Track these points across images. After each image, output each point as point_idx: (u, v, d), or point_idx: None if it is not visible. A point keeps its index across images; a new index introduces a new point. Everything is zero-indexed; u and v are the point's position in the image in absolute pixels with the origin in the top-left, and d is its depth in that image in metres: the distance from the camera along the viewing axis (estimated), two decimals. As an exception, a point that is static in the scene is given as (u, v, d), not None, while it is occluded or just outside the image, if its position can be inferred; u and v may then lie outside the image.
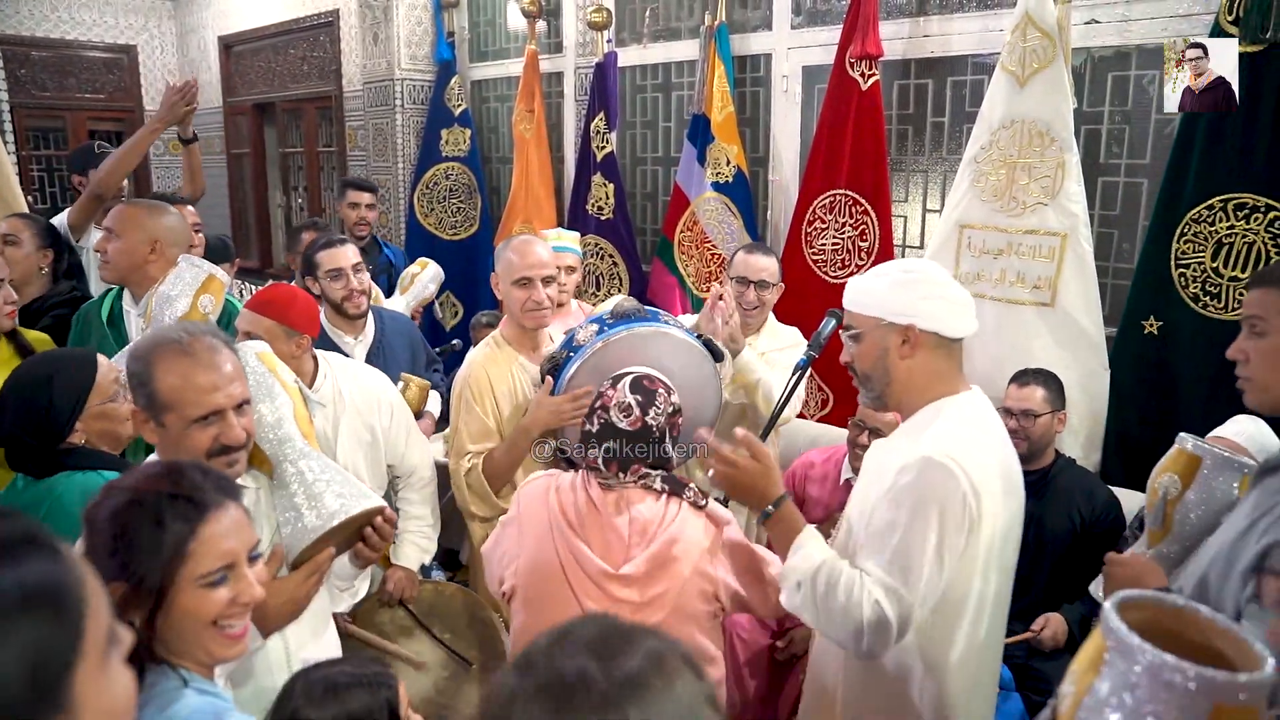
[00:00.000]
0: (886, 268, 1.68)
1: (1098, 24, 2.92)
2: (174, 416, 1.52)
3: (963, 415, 1.59)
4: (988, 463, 1.54)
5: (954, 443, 1.52)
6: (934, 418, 1.59)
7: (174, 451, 1.56)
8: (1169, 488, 1.69)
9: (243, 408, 1.58)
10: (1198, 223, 2.61)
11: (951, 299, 1.62)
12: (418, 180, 5.04)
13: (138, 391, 1.54)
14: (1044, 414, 2.65)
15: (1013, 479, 1.61)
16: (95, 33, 7.41)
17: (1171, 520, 1.69)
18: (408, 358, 2.90)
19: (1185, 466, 1.68)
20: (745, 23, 3.89)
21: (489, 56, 5.19)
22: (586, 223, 4.33)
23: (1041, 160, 2.83)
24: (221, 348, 1.58)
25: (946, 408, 1.60)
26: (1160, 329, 2.71)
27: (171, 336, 1.56)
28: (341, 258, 2.82)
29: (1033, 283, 2.90)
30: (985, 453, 1.55)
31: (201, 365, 1.52)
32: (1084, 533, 2.65)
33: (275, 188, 7.11)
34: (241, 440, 1.56)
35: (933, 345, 1.61)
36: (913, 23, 3.37)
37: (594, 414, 1.85)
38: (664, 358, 2.21)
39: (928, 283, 1.62)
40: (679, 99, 4.23)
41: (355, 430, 2.36)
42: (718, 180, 3.80)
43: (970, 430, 1.57)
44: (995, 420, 1.66)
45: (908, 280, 1.62)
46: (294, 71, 6.41)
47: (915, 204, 3.53)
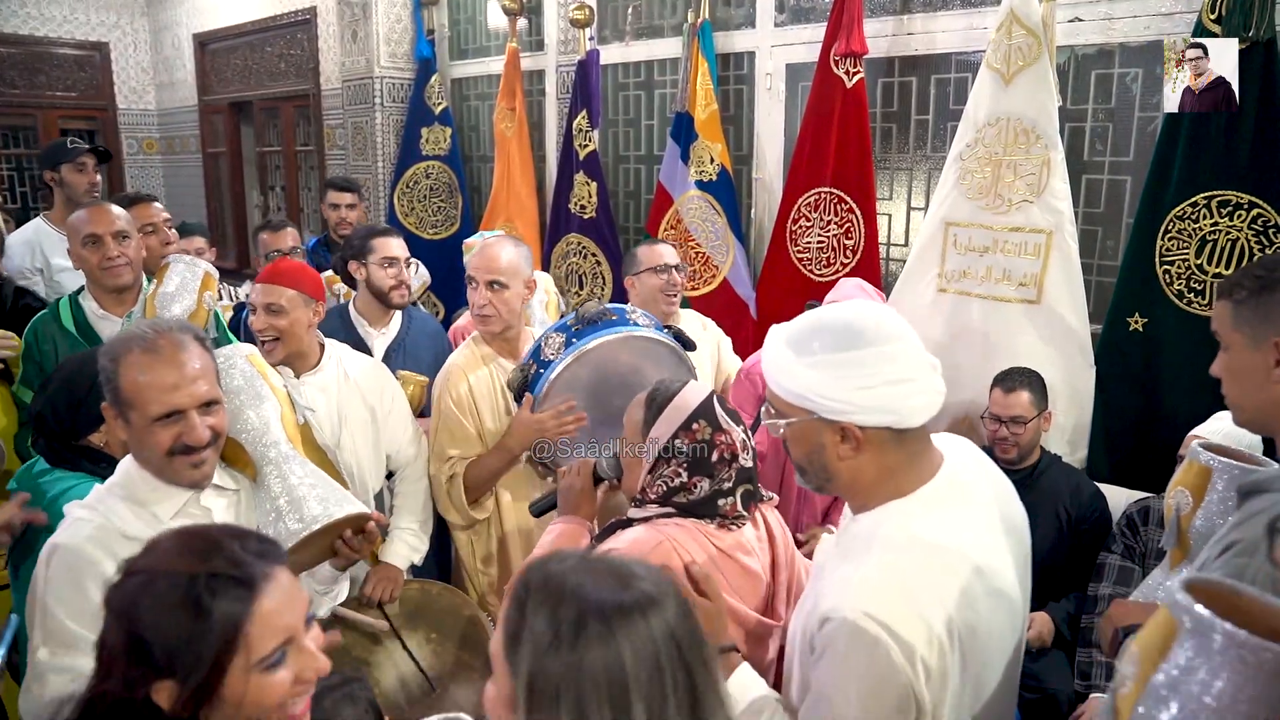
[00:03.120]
0: (814, 328, 1.29)
1: (1081, 22, 2.92)
2: (136, 414, 1.51)
3: (903, 537, 1.24)
4: (934, 599, 1.19)
5: (877, 591, 1.18)
6: (869, 541, 1.25)
7: (139, 449, 1.55)
8: (1181, 503, 1.59)
9: (210, 407, 1.55)
10: (1182, 220, 2.62)
11: (903, 376, 1.23)
12: (398, 179, 4.99)
13: (106, 388, 1.53)
14: (1031, 418, 2.65)
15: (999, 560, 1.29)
16: (66, 29, 7.28)
17: (1188, 538, 1.58)
18: (431, 360, 2.87)
19: (1196, 480, 1.57)
20: (728, 20, 3.88)
21: (469, 54, 5.14)
22: (569, 222, 4.30)
23: (1026, 158, 2.83)
24: (190, 345, 1.55)
25: (885, 524, 1.26)
26: (1145, 326, 2.72)
27: (139, 333, 1.54)
28: (397, 247, 2.88)
29: (1018, 280, 2.90)
30: (937, 580, 1.21)
31: (164, 362, 1.51)
32: (1070, 530, 2.66)
33: (252, 187, 7.02)
34: (204, 440, 1.53)
35: (882, 440, 1.25)
36: (897, 20, 3.37)
37: (723, 466, 1.57)
38: (639, 360, 2.19)
39: (865, 365, 1.22)
40: (662, 97, 4.21)
41: (357, 411, 2.36)
42: (701, 179, 3.78)
43: (911, 558, 1.22)
44: (969, 496, 1.32)
45: (838, 363, 1.23)
46: (271, 69, 6.33)
47: (900, 202, 3.52)
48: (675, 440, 1.57)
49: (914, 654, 1.16)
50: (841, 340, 1.24)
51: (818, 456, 1.29)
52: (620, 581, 0.92)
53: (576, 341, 2.16)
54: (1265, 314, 1.29)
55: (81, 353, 2.07)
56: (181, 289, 2.44)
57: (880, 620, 1.15)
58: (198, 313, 2.44)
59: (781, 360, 1.28)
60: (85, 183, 3.56)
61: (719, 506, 1.58)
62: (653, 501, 1.59)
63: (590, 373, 2.18)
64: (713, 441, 1.57)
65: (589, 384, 2.20)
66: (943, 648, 1.18)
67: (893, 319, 1.28)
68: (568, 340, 2.18)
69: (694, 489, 1.57)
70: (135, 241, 2.65)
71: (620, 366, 2.18)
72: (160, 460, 1.54)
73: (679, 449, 1.57)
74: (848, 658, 1.17)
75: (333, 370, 2.37)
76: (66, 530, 1.50)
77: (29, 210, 7.37)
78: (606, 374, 2.20)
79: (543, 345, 2.23)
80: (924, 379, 1.26)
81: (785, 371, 1.27)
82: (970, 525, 1.29)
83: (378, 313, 2.92)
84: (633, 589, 0.91)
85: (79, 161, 3.53)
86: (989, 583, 1.25)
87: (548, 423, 2.18)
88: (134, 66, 7.66)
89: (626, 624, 0.88)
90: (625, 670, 0.87)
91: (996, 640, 1.28)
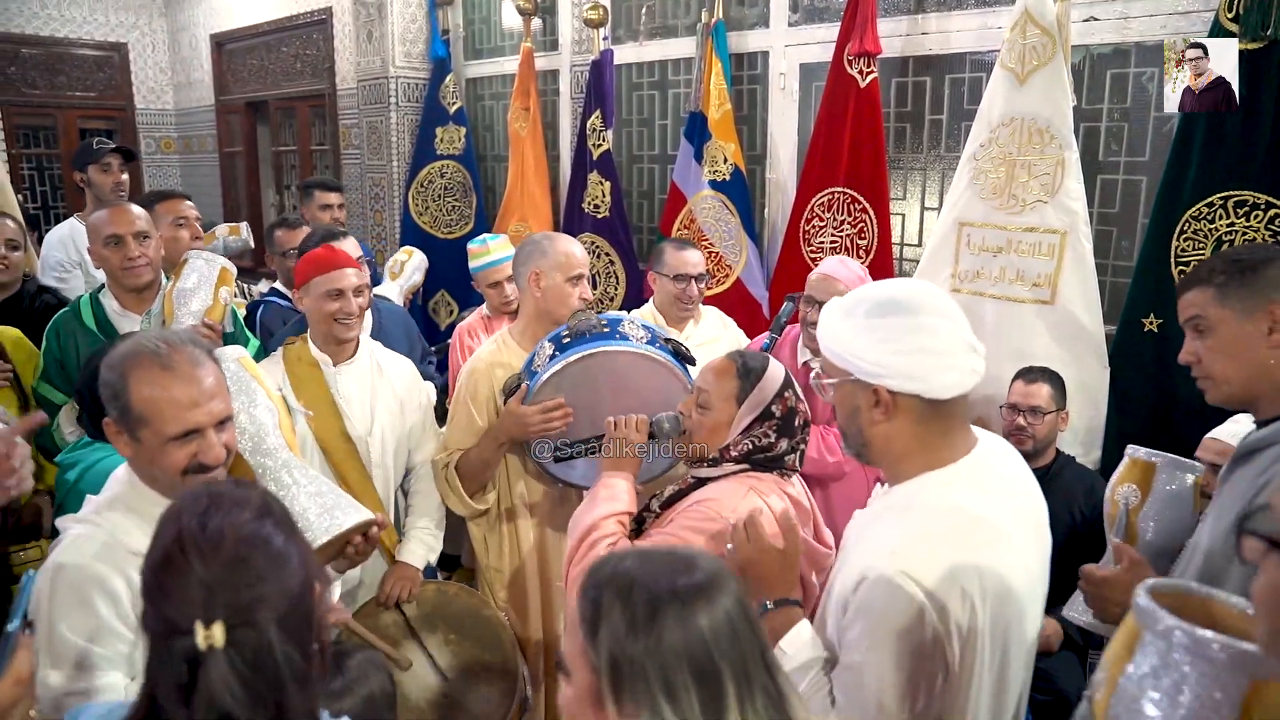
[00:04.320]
0: (861, 296, 1.37)
1: (1096, 21, 2.91)
2: (149, 432, 1.43)
3: (945, 504, 1.28)
4: (969, 561, 1.23)
5: (916, 551, 1.23)
6: (906, 507, 1.30)
7: (147, 467, 1.47)
8: (1129, 498, 1.72)
9: (224, 424, 1.49)
10: (1198, 220, 2.60)
11: (938, 349, 1.27)
12: (412, 179, 5.01)
13: (111, 403, 1.44)
14: (1050, 411, 2.65)
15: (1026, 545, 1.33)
16: (86, 30, 7.35)
17: (1136, 530, 1.71)
18: (405, 348, 2.90)
19: (1141, 475, 1.72)
20: (742, 20, 3.88)
21: (484, 54, 5.16)
22: (583, 221, 4.31)
23: (1041, 158, 2.82)
24: (203, 360, 1.48)
25: (924, 494, 1.30)
26: (1160, 327, 2.71)
27: (149, 346, 1.45)
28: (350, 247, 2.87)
29: (1032, 280, 2.89)
30: (973, 546, 1.25)
31: (180, 379, 1.43)
32: (1084, 530, 2.65)
33: (268, 186, 7.07)
34: (221, 459, 1.48)
35: (914, 409, 1.30)
36: (911, 20, 3.36)
37: (802, 431, 1.82)
38: (627, 373, 2.19)
39: (903, 331, 1.28)
40: (676, 97, 4.22)
41: (388, 403, 2.40)
42: (715, 178, 3.79)
43: (949, 522, 1.27)
44: (1000, 481, 1.36)
45: (875, 326, 1.29)
46: (287, 69, 6.37)
47: (914, 202, 3.52)
48: (771, 406, 1.77)
49: (948, 615, 1.20)
50: (884, 307, 1.31)
51: (854, 420, 1.36)
52: (683, 567, 0.98)
53: (560, 355, 2.18)
54: (1253, 289, 1.40)
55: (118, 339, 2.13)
56: (199, 284, 2.47)
57: (916, 579, 1.20)
58: (214, 308, 2.46)
59: (831, 323, 1.36)
60: (110, 182, 3.67)
61: (784, 461, 1.80)
62: (730, 459, 1.78)
63: (574, 386, 2.19)
64: (797, 409, 1.80)
65: (573, 396, 2.20)
66: (975, 611, 1.21)
67: (939, 298, 1.33)
68: (554, 353, 2.20)
69: (776, 447, 1.78)
70: (155, 241, 2.68)
71: (605, 379, 2.19)
72: (172, 480, 1.46)
73: (773, 413, 1.77)
74: (885, 616, 1.21)
75: (366, 361, 2.42)
76: (69, 549, 1.42)
77: (49, 210, 7.45)
78: (592, 387, 2.21)
79: (535, 355, 2.27)
80: (959, 357, 1.29)
81: (832, 333, 1.36)
82: (1004, 505, 1.33)
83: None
84: (696, 571, 0.98)
85: (104, 162, 3.67)
86: (1020, 559, 1.29)
87: (532, 417, 2.18)
88: (152, 67, 7.72)
89: (699, 600, 0.95)
90: (706, 640, 0.93)
91: (1023, 620, 1.31)
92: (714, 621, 0.94)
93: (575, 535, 1.77)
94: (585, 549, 1.72)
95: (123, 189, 3.70)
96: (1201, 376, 1.51)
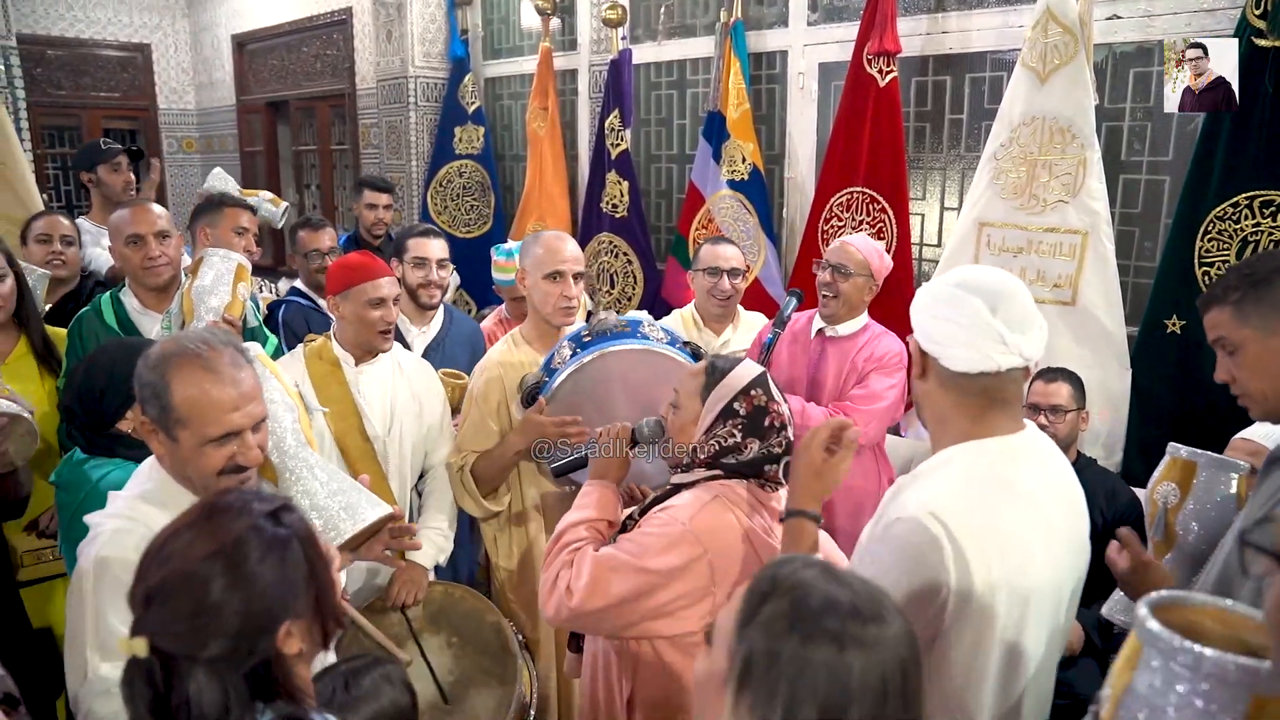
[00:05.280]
0: (955, 271, 1.46)
1: (1119, 19, 2.89)
2: (188, 433, 1.44)
3: (981, 466, 1.33)
4: (1003, 524, 1.28)
5: (948, 499, 1.28)
6: (940, 467, 1.36)
7: (182, 467, 1.49)
8: (1168, 497, 1.68)
9: (259, 425, 1.51)
10: (1222, 220, 2.58)
11: (963, 325, 1.34)
12: (431, 178, 5.04)
13: (150, 402, 1.45)
14: (1070, 410, 2.63)
15: (1058, 536, 1.36)
16: (110, 31, 7.44)
17: (1174, 530, 1.68)
18: (466, 361, 2.92)
19: (1182, 474, 1.68)
20: (761, 19, 3.87)
21: (503, 54, 5.18)
22: (601, 221, 4.32)
23: (1062, 157, 2.80)
24: (240, 360, 1.50)
25: (963, 455, 1.36)
26: (1183, 328, 2.68)
27: (190, 347, 1.46)
28: (430, 248, 2.94)
29: (1053, 281, 2.87)
30: (1002, 511, 1.30)
31: (222, 381, 1.44)
32: (1106, 534, 2.61)
33: (289, 186, 7.12)
34: (258, 461, 1.50)
35: (941, 375, 1.38)
36: (931, 19, 3.34)
37: (773, 432, 1.68)
38: (643, 373, 2.19)
39: (946, 302, 1.37)
40: (694, 96, 4.21)
41: (407, 403, 2.42)
42: (733, 178, 3.78)
43: (982, 483, 1.32)
44: (1039, 467, 1.39)
45: (937, 295, 1.40)
46: (307, 69, 6.42)
47: (933, 202, 3.50)
48: (734, 403, 1.66)
49: (966, 564, 1.23)
50: (963, 278, 1.40)
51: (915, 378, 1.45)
52: (867, 604, 0.91)
53: (581, 352, 2.19)
54: (1271, 303, 1.38)
55: (99, 346, 2.11)
56: (216, 282, 2.48)
57: (942, 521, 1.25)
58: (233, 304, 2.47)
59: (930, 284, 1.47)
60: (121, 182, 3.69)
61: (764, 470, 1.68)
62: (701, 464, 1.69)
63: (593, 384, 2.19)
64: (767, 408, 1.67)
65: (591, 394, 2.21)
66: (990, 570, 1.25)
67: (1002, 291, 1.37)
68: (574, 351, 2.21)
69: (745, 449, 1.66)
70: (175, 240, 2.71)
71: (623, 378, 2.19)
72: (206, 479, 1.47)
73: (736, 411, 1.66)
74: (903, 546, 1.27)
75: (388, 361, 2.44)
76: (111, 543, 1.43)
77: (73, 209, 7.54)
78: (609, 385, 2.22)
79: (554, 354, 2.26)
80: (982, 341, 1.34)
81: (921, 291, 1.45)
82: (1039, 486, 1.36)
83: (417, 311, 2.99)
84: (878, 617, 0.90)
85: (114, 162, 3.67)
86: (1049, 541, 1.33)
87: (548, 428, 2.20)
88: (174, 67, 7.80)
89: (861, 643, 0.87)
90: (849, 686, 0.86)
91: (1043, 604, 1.33)
92: (866, 672, 0.86)
93: (550, 539, 1.77)
94: (553, 555, 1.70)
95: (132, 188, 3.71)
96: (1240, 394, 1.48)
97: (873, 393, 2.59)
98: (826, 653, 0.86)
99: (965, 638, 1.27)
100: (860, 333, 2.69)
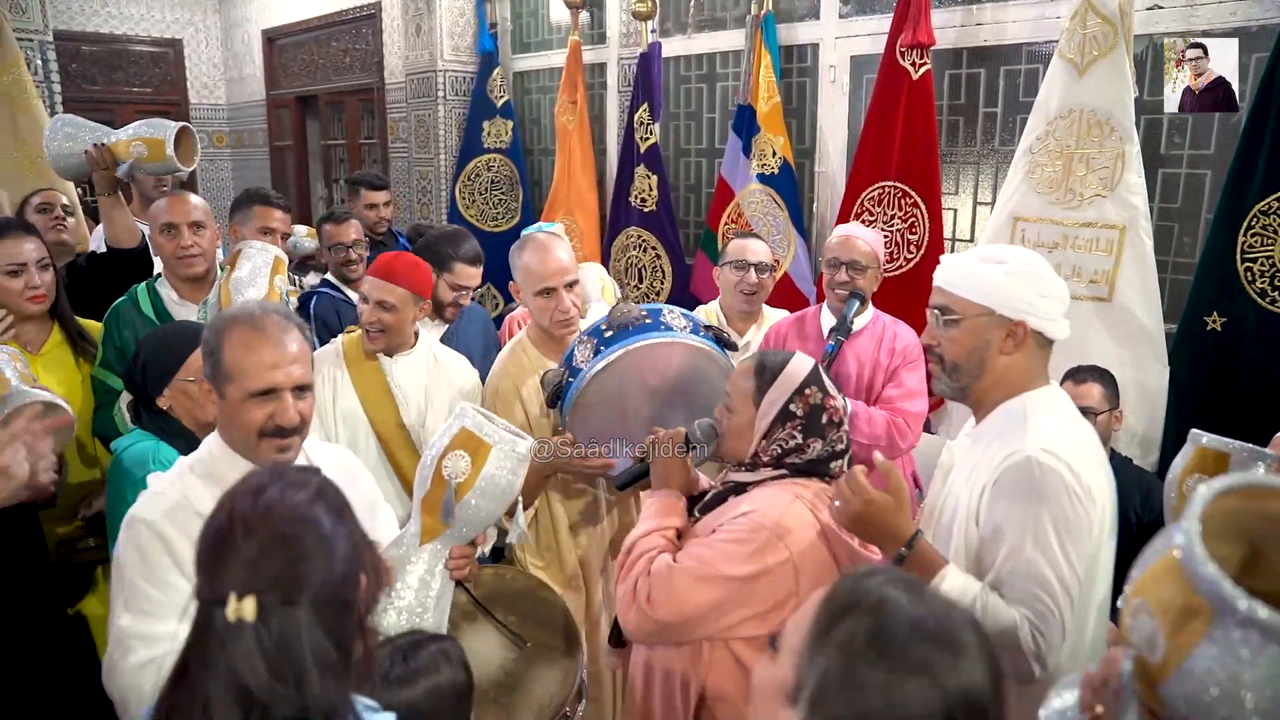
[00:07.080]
0: (995, 252, 1.61)
1: (1161, 9, 2.83)
2: (234, 388, 1.54)
3: (1055, 409, 1.53)
4: (1089, 457, 1.48)
5: (1055, 439, 1.45)
6: (1024, 414, 1.52)
7: (230, 425, 1.58)
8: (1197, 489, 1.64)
9: (303, 391, 1.58)
10: (1266, 215, 2.52)
11: (1060, 298, 1.55)
12: (459, 172, 5.05)
13: (207, 360, 1.57)
14: (1103, 411, 2.58)
15: (1109, 471, 1.56)
16: (143, 27, 7.52)
17: None
18: (480, 348, 2.92)
19: (1213, 465, 1.62)
20: (792, 12, 3.84)
21: (531, 48, 5.18)
22: (629, 215, 4.31)
23: (1100, 151, 2.75)
24: (293, 329, 1.59)
25: (1035, 403, 1.54)
26: (1224, 325, 2.63)
27: (247, 310, 1.58)
28: (473, 278, 2.99)
29: (1089, 277, 2.82)
30: (1085, 447, 1.50)
31: (268, 341, 1.54)
32: (1140, 534, 2.58)
33: (317, 180, 7.17)
34: (295, 423, 1.56)
35: (1035, 345, 1.55)
36: (965, 10, 3.30)
37: (832, 429, 1.66)
38: (669, 366, 2.15)
39: (1044, 279, 1.55)
40: (724, 90, 4.19)
41: (443, 395, 2.42)
42: (763, 172, 3.76)
43: (1066, 424, 1.51)
44: (1078, 414, 1.60)
45: (1027, 273, 1.54)
46: (336, 64, 6.45)
47: (966, 196, 3.46)
48: (790, 405, 1.65)
49: (1091, 494, 1.42)
50: (1025, 258, 1.57)
51: (979, 353, 1.56)
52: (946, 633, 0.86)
53: (604, 350, 2.13)
54: None
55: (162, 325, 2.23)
56: (254, 274, 2.50)
57: (1060, 457, 1.41)
58: (270, 296, 2.49)
59: (972, 269, 1.57)
60: (151, 180, 3.69)
61: (830, 468, 1.67)
62: (765, 465, 1.67)
63: (618, 381, 2.14)
64: (824, 405, 1.66)
65: (616, 393, 2.16)
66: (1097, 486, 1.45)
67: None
68: (596, 349, 2.14)
69: (807, 449, 1.66)
70: (210, 232, 2.72)
71: (651, 373, 2.15)
72: (249, 440, 1.56)
73: (793, 413, 1.65)
74: (1038, 487, 1.40)
75: (424, 353, 2.47)
76: (145, 503, 1.53)
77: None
78: (636, 383, 2.17)
79: (576, 350, 2.20)
80: (1067, 306, 1.57)
81: (976, 276, 1.56)
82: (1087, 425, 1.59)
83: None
84: (955, 643, 0.85)
85: None
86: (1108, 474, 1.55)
87: (563, 449, 2.18)
88: (205, 62, 7.87)
89: (929, 670, 0.83)
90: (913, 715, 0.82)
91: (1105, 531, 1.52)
92: (927, 699, 0.81)
93: (622, 552, 1.75)
94: (628, 567, 1.68)
95: (165, 184, 3.74)
96: None
97: (909, 390, 2.56)
98: (915, 685, 0.82)
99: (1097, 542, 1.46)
100: (872, 324, 2.66)
